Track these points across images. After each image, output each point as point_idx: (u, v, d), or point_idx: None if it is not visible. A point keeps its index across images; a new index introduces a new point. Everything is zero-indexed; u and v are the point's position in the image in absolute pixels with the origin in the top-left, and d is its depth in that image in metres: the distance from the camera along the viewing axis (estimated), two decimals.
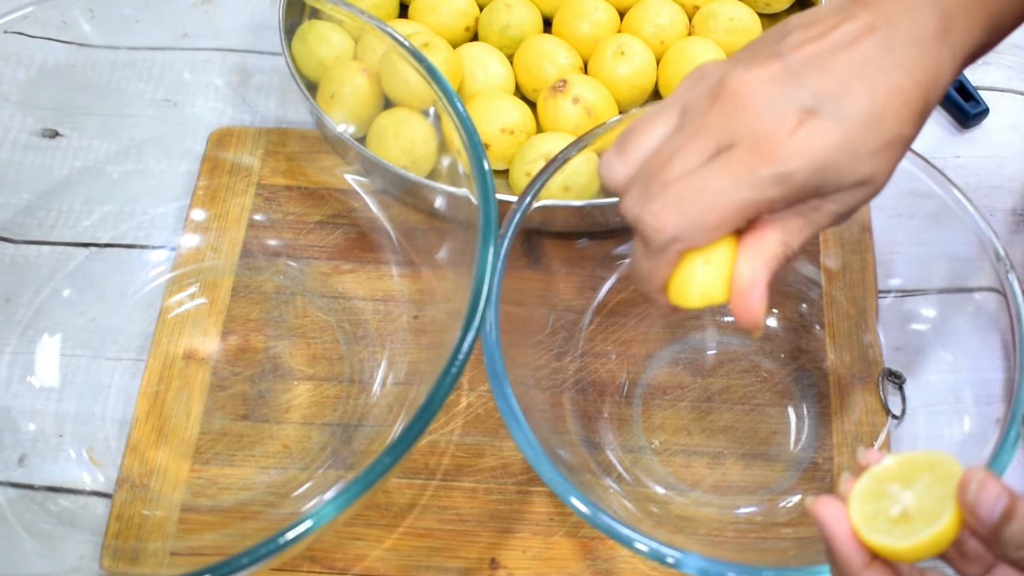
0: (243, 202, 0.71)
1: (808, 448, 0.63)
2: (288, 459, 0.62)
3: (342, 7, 0.64)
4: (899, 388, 0.63)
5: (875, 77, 0.43)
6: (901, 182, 0.60)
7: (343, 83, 0.69)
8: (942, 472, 0.38)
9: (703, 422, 0.64)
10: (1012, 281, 0.55)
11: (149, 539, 0.59)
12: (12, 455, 0.61)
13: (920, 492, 0.39)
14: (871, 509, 0.39)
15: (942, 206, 0.58)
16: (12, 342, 0.64)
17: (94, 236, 0.68)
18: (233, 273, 0.69)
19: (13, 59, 0.64)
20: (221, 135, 0.73)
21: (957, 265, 0.61)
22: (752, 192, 0.43)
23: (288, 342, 0.66)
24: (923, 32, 0.43)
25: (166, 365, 0.65)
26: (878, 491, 0.40)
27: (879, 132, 0.43)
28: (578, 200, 0.63)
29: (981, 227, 0.57)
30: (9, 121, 0.68)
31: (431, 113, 0.65)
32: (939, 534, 0.37)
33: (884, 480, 0.40)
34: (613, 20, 0.77)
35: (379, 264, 0.69)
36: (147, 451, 0.62)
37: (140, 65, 0.70)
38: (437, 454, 0.63)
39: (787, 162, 0.42)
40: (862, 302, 0.66)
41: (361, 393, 0.64)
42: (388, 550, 0.60)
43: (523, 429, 0.50)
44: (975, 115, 0.75)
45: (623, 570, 0.59)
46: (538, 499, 0.61)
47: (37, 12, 0.61)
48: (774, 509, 0.60)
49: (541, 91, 0.73)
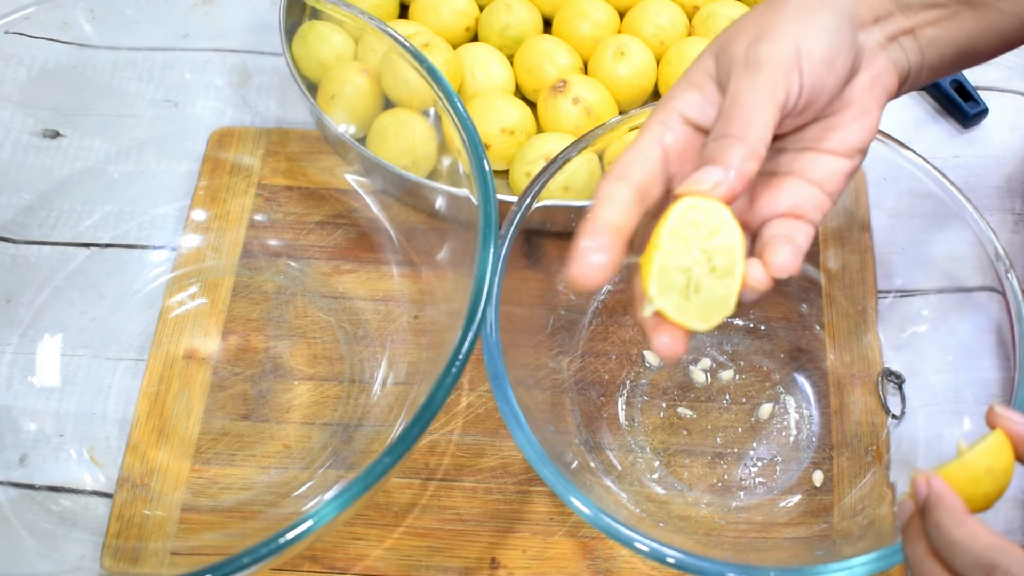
0: (244, 202, 0.71)
1: (808, 448, 0.63)
2: (288, 459, 0.62)
3: (342, 8, 0.64)
4: (898, 388, 0.63)
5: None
6: (900, 182, 0.60)
7: (343, 83, 0.69)
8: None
9: (703, 422, 0.64)
10: (1011, 281, 0.55)
11: (150, 539, 0.59)
12: (13, 455, 0.61)
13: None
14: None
15: (941, 206, 0.58)
16: (13, 342, 0.65)
17: (95, 236, 0.68)
18: (234, 273, 0.69)
19: (14, 59, 0.64)
20: (222, 135, 0.73)
21: (956, 265, 0.61)
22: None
23: (288, 342, 0.66)
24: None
25: (167, 365, 0.65)
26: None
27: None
28: (578, 200, 0.64)
29: (980, 227, 0.57)
30: (10, 121, 0.68)
31: (431, 113, 0.65)
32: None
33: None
34: (613, 21, 0.77)
35: (379, 264, 0.69)
36: (148, 451, 0.62)
37: (141, 66, 0.70)
38: (437, 454, 0.63)
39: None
40: (862, 302, 0.66)
41: (361, 393, 0.64)
42: (388, 550, 0.60)
43: (523, 429, 0.50)
44: (974, 115, 0.75)
45: (623, 570, 0.59)
46: (538, 499, 0.61)
47: (38, 13, 0.61)
48: (774, 509, 0.61)
49: (541, 91, 0.73)
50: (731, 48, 0.46)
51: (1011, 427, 0.41)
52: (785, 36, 0.45)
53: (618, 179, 0.46)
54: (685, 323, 0.43)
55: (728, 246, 0.43)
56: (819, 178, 0.48)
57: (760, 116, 0.44)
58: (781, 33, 0.45)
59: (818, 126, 0.48)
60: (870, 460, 0.61)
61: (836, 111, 0.48)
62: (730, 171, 0.43)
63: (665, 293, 0.43)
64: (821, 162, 0.48)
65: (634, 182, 0.45)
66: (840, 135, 0.48)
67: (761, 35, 0.46)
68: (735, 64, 0.45)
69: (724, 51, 0.47)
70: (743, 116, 0.44)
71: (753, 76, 0.44)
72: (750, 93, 0.44)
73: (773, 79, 0.44)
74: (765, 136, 0.44)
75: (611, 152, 0.65)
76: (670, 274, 0.43)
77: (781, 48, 0.45)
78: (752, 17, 0.48)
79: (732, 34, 0.47)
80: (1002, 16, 0.49)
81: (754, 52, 0.45)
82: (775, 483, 0.62)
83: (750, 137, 0.43)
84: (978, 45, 0.50)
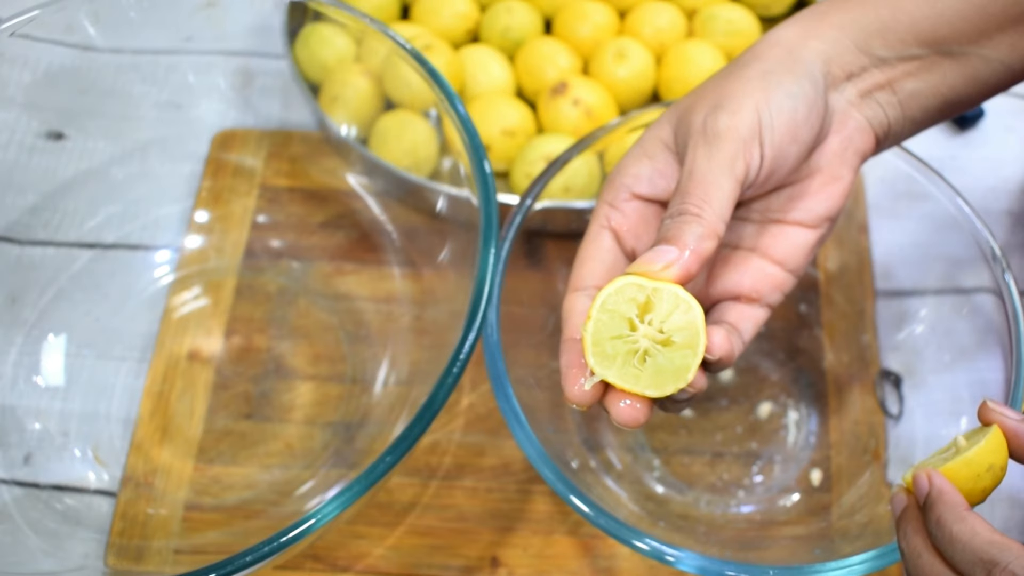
0: (246, 203, 0.72)
1: (806, 447, 0.63)
2: (291, 458, 0.63)
3: (344, 10, 0.64)
4: (896, 388, 0.63)
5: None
6: (898, 184, 0.60)
7: (345, 85, 0.69)
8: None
9: (702, 422, 0.64)
10: (1008, 282, 0.55)
11: (153, 537, 0.60)
12: (18, 454, 0.61)
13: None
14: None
15: (939, 208, 0.59)
16: (18, 342, 0.65)
17: (99, 237, 0.69)
18: (236, 274, 0.69)
19: (19, 62, 0.65)
20: (224, 137, 0.74)
21: (954, 266, 0.61)
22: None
23: (291, 342, 0.67)
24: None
25: (170, 365, 0.66)
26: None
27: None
28: (578, 201, 0.64)
29: (978, 228, 0.57)
30: (15, 123, 0.68)
31: (432, 115, 0.65)
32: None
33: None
34: (613, 23, 0.77)
35: (381, 265, 0.69)
36: (151, 450, 0.63)
37: (144, 68, 0.70)
38: (439, 453, 0.63)
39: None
40: (860, 303, 0.66)
41: (363, 393, 0.65)
42: (390, 548, 0.60)
43: (524, 428, 0.50)
44: (971, 117, 0.76)
45: (623, 568, 0.60)
46: (539, 498, 0.62)
47: (42, 16, 0.61)
48: (773, 508, 0.61)
49: (542, 93, 0.73)
50: (689, 117, 0.44)
51: (1006, 423, 0.41)
52: (746, 105, 0.43)
53: (576, 291, 0.45)
54: (635, 390, 0.41)
55: (688, 323, 0.41)
56: (782, 255, 0.46)
57: (718, 192, 0.42)
58: (741, 102, 0.43)
59: (783, 194, 0.46)
60: (868, 459, 0.61)
61: (803, 178, 0.46)
62: (685, 251, 0.41)
63: (606, 364, 0.41)
64: (786, 236, 0.46)
65: (592, 289, 0.45)
66: (806, 204, 0.46)
67: (721, 104, 0.43)
68: (693, 135, 0.43)
69: (683, 120, 0.45)
70: (700, 192, 0.42)
71: (711, 149, 0.42)
72: (707, 167, 0.42)
73: (732, 152, 0.42)
74: (723, 213, 0.42)
75: (611, 153, 0.65)
76: (606, 345, 0.41)
77: (741, 119, 0.43)
78: (713, 83, 0.45)
79: (692, 101, 0.45)
80: (986, 64, 0.47)
81: (712, 123, 0.43)
82: (774, 482, 0.62)
83: (707, 215, 0.41)
84: (962, 94, 0.47)
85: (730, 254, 0.47)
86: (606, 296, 0.41)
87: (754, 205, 0.47)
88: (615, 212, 0.46)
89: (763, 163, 0.43)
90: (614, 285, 0.41)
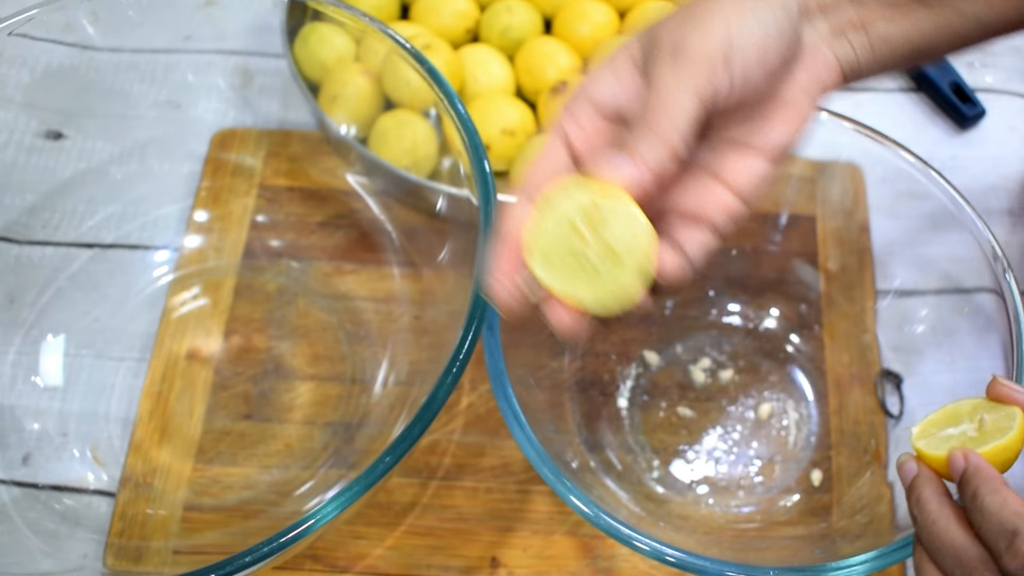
0: (245, 203, 0.71)
1: (806, 447, 0.63)
2: (290, 458, 0.63)
3: (344, 9, 0.64)
4: (897, 388, 0.63)
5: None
6: (899, 183, 0.60)
7: (345, 85, 0.69)
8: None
9: (703, 422, 0.64)
10: (1009, 281, 0.55)
11: (152, 537, 0.60)
12: (16, 454, 0.61)
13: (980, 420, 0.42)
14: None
15: (939, 207, 0.59)
16: (16, 342, 0.65)
17: (98, 237, 0.69)
18: (236, 274, 0.69)
19: (17, 61, 0.65)
20: (224, 137, 0.74)
21: (954, 266, 0.61)
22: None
23: (290, 342, 0.67)
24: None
25: (169, 365, 0.66)
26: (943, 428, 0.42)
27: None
28: None
29: (978, 228, 0.57)
30: (13, 123, 0.68)
31: (432, 114, 0.65)
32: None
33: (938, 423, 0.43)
34: (613, 22, 0.77)
35: (380, 265, 0.69)
36: (150, 450, 0.63)
37: (143, 67, 0.70)
38: (438, 453, 0.63)
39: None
40: (860, 302, 0.66)
41: (363, 393, 0.65)
42: (389, 548, 0.60)
43: (524, 429, 0.50)
44: (972, 117, 0.76)
45: (623, 569, 0.59)
46: (539, 498, 0.62)
47: (41, 15, 0.61)
48: (773, 508, 0.61)
49: (542, 92, 0.73)
50: (659, 34, 0.43)
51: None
52: (716, 26, 0.42)
53: (522, 193, 0.44)
54: (575, 301, 0.40)
55: (637, 242, 0.40)
56: (734, 179, 0.45)
57: (680, 110, 0.41)
58: (712, 23, 0.42)
59: (742, 118, 0.46)
60: (868, 459, 0.61)
61: (765, 106, 0.46)
62: (641, 164, 0.40)
63: (549, 269, 0.40)
64: (741, 159, 0.46)
65: (539, 193, 0.43)
66: (764, 132, 0.45)
67: (690, 23, 0.43)
68: (661, 52, 0.43)
69: (652, 37, 0.44)
70: (663, 108, 0.41)
71: (678, 67, 0.42)
72: (672, 84, 0.41)
73: (697, 71, 0.41)
74: (684, 131, 0.41)
75: None
76: (551, 251, 0.40)
77: (710, 39, 0.42)
78: (687, 6, 0.44)
79: (664, 20, 0.44)
80: (960, 17, 0.46)
81: (681, 41, 0.42)
82: (774, 482, 0.62)
83: (667, 131, 0.41)
84: (932, 44, 0.47)
85: (682, 172, 0.46)
86: (556, 198, 0.40)
87: (712, 126, 0.46)
88: (572, 123, 0.45)
89: (732, 89, 0.43)
90: (565, 188, 0.40)
